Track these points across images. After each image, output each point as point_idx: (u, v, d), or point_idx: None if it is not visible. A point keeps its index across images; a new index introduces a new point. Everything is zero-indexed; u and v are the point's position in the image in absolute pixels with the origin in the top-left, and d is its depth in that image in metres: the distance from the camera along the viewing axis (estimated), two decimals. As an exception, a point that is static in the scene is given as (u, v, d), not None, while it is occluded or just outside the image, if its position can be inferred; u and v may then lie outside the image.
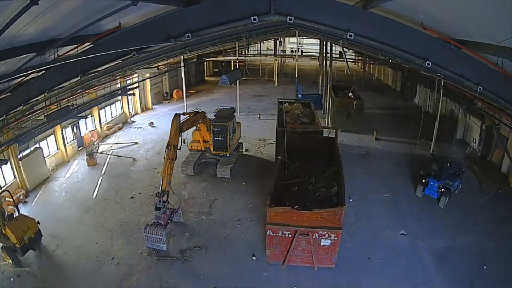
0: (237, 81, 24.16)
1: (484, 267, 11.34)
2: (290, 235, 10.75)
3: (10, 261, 11.32)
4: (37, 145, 16.89)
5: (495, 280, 10.78)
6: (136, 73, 24.17)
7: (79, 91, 15.62)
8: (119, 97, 24.33)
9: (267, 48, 53.58)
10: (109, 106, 23.93)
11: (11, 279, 10.92)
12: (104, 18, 6.93)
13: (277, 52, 45.04)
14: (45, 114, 12.81)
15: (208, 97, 32.73)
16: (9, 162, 15.04)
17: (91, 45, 8.46)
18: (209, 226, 13.61)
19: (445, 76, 7.91)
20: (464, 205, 14.72)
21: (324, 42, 27.26)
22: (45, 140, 17.69)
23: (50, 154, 18.05)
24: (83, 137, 20.75)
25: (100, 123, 22.56)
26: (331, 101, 24.01)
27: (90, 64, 9.30)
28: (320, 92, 29.27)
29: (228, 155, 17.54)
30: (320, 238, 10.64)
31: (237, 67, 27.81)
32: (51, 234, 12.74)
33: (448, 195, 14.50)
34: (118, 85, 23.24)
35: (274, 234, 10.84)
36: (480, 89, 7.39)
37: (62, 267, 11.40)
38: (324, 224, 10.46)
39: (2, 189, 13.91)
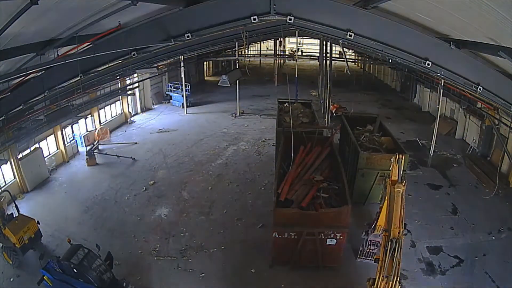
0: (237, 81, 24.20)
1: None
2: (296, 237, 10.62)
3: (10, 261, 11.32)
4: (37, 145, 16.89)
5: (495, 280, 10.76)
6: (136, 73, 24.14)
7: (79, 91, 15.62)
8: (119, 97, 24.33)
9: (267, 48, 53.65)
10: (109, 106, 23.90)
11: (11, 279, 10.93)
12: (104, 18, 6.94)
13: (277, 52, 44.98)
14: (45, 114, 12.82)
15: (208, 97, 32.70)
16: (8, 162, 15.06)
17: (91, 45, 8.45)
18: (209, 226, 13.61)
19: (445, 76, 7.89)
20: (464, 205, 14.72)
21: (324, 42, 27.23)
22: (45, 140, 17.69)
23: (50, 154, 18.05)
24: (85, 136, 20.71)
25: (100, 123, 22.55)
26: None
27: (90, 64, 9.29)
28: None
29: None
30: (326, 238, 10.55)
31: (237, 66, 27.80)
32: (51, 234, 12.75)
33: None
34: (118, 85, 23.21)
35: (280, 236, 10.66)
36: (480, 89, 7.38)
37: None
38: (330, 224, 10.41)
39: (2, 189, 13.91)
